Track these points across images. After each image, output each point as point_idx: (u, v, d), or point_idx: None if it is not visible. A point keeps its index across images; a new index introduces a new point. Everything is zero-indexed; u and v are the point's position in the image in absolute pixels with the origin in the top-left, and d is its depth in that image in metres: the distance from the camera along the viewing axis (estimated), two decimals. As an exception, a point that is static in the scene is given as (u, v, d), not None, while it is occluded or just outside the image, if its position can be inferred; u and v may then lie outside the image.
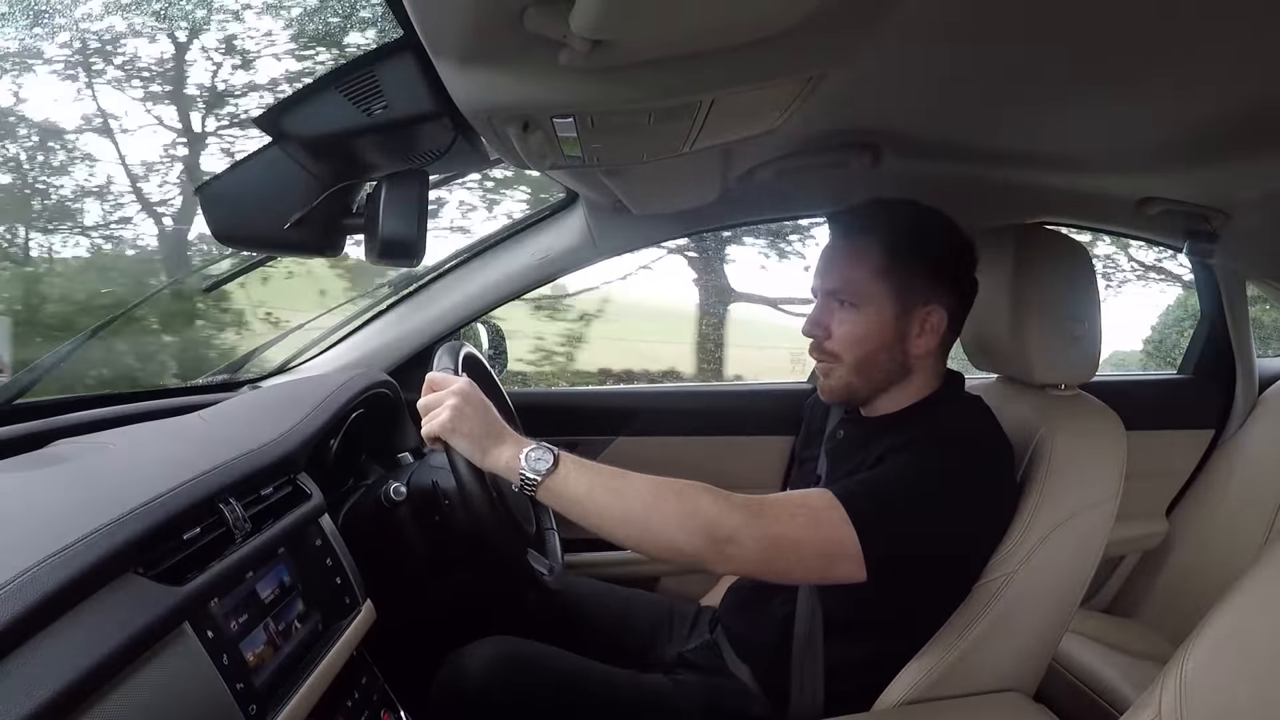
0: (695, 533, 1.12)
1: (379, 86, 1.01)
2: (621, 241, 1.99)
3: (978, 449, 1.29)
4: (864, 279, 1.32)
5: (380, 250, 1.17)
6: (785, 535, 1.15)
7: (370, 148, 1.12)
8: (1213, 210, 1.74)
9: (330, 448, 1.47)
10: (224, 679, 0.92)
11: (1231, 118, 1.20)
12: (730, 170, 1.61)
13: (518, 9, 0.74)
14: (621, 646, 1.59)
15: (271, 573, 1.11)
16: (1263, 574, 0.91)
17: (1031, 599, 1.33)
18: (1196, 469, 2.41)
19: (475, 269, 1.98)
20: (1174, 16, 0.87)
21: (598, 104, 0.95)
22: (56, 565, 0.78)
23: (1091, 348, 1.51)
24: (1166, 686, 0.89)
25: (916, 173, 1.62)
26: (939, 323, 1.33)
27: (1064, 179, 1.67)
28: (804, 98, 1.08)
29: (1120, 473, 1.41)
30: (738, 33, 0.85)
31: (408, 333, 1.94)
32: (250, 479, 1.13)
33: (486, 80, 0.90)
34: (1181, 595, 2.30)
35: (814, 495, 1.21)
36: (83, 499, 0.94)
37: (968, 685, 1.35)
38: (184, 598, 0.89)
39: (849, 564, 1.16)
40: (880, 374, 1.36)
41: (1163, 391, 2.47)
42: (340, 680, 1.18)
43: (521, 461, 1.15)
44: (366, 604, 1.29)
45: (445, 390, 1.21)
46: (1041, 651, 1.42)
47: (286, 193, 1.12)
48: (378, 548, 1.42)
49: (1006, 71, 1.09)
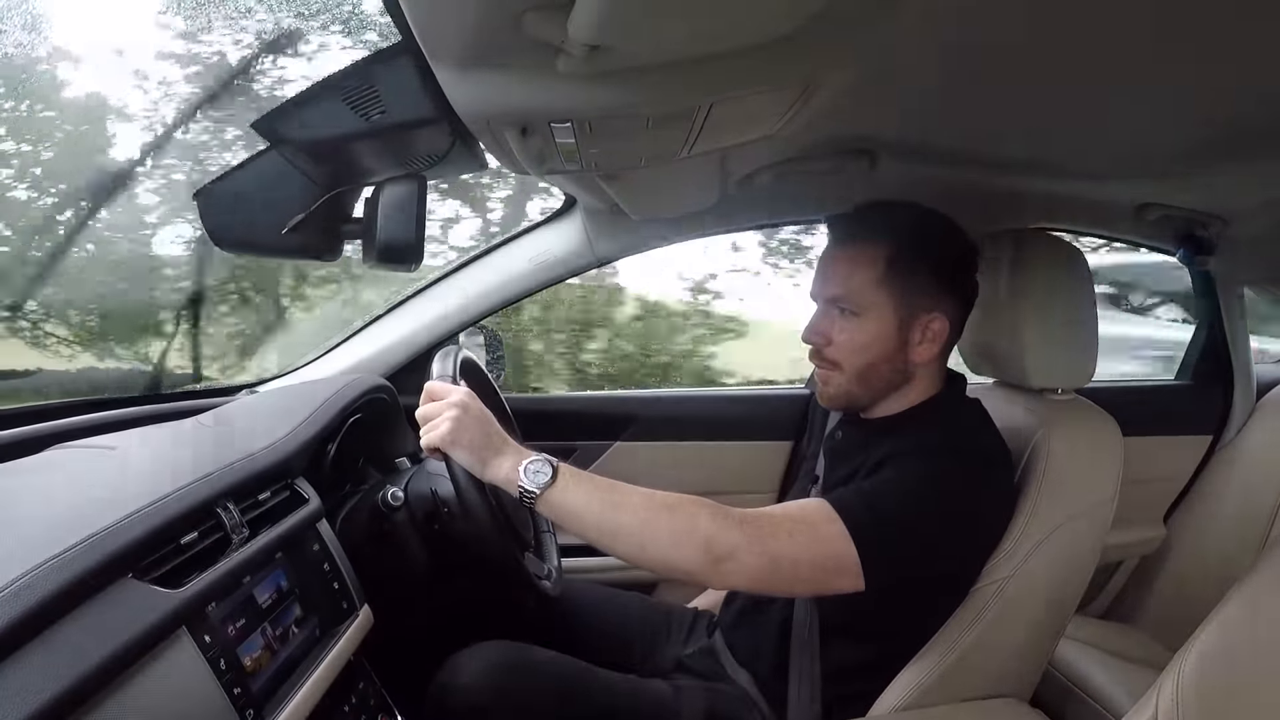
0: (693, 551, 1.12)
1: (377, 91, 1.01)
2: (619, 246, 1.99)
3: (977, 456, 1.29)
4: (865, 287, 1.31)
5: (378, 255, 1.17)
6: (784, 552, 1.15)
7: (368, 152, 1.12)
8: (1211, 216, 1.75)
9: (328, 452, 1.47)
10: (221, 684, 0.92)
11: (1230, 124, 1.20)
12: (728, 175, 1.61)
13: (516, 14, 0.74)
14: (620, 651, 1.58)
15: (269, 578, 1.12)
16: (1260, 580, 0.92)
17: (1027, 603, 1.33)
18: (1194, 475, 2.40)
19: (472, 273, 1.98)
20: (1172, 24, 0.87)
21: (596, 109, 0.95)
22: (54, 569, 0.78)
23: (1088, 352, 1.50)
24: (1163, 692, 0.89)
25: (914, 178, 1.62)
26: (941, 330, 1.33)
27: (1062, 185, 1.67)
28: (802, 103, 1.09)
29: (1117, 477, 1.41)
30: (736, 38, 0.85)
31: (405, 337, 1.94)
32: (248, 484, 1.14)
33: (485, 85, 0.90)
34: (1179, 601, 2.30)
35: (812, 508, 1.21)
36: (80, 503, 0.94)
37: (965, 690, 1.35)
38: (181, 602, 0.90)
39: (847, 577, 1.16)
40: (881, 382, 1.35)
41: (1160, 397, 2.47)
42: (337, 685, 1.17)
43: (521, 474, 1.15)
44: (364, 609, 1.29)
45: (445, 400, 1.20)
46: (1038, 656, 1.42)
47: (284, 197, 1.12)
48: (375, 553, 1.42)
49: (1004, 78, 1.09)
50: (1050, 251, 1.51)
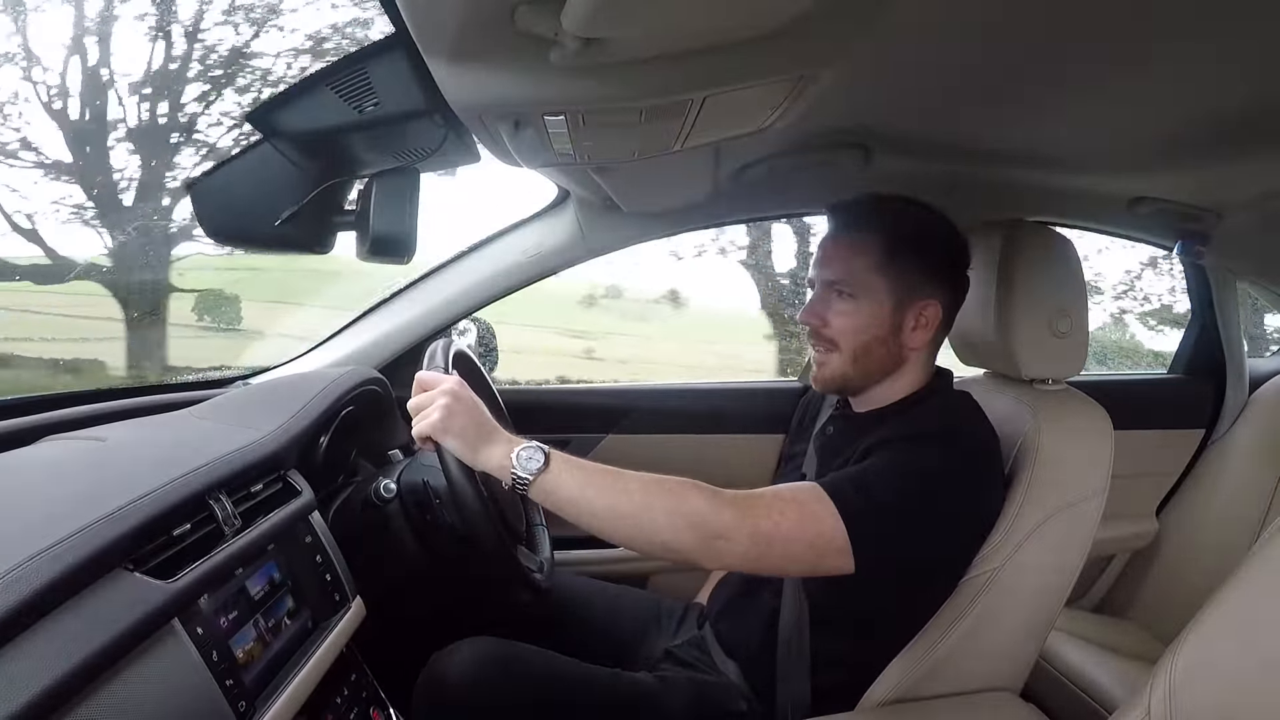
0: (685, 530, 1.13)
1: (370, 84, 1.01)
2: (612, 239, 1.99)
3: (965, 443, 1.30)
4: (864, 271, 1.33)
5: (371, 247, 1.17)
6: (775, 530, 1.15)
7: (361, 145, 1.12)
8: (1204, 210, 1.75)
9: (320, 445, 1.46)
10: (213, 675, 0.92)
11: (1224, 118, 1.20)
12: (721, 168, 1.61)
13: (509, 7, 0.74)
14: (611, 643, 1.59)
15: (261, 569, 1.12)
16: (1252, 573, 0.92)
17: (1018, 594, 1.34)
18: (1187, 468, 2.42)
19: (465, 266, 1.98)
20: (1167, 19, 0.88)
21: (589, 102, 0.95)
22: (47, 561, 0.78)
23: (1079, 342, 1.51)
24: (1156, 686, 0.89)
25: (907, 171, 1.63)
26: (935, 316, 1.35)
27: (1055, 178, 1.67)
28: (795, 96, 1.09)
29: (1107, 468, 1.41)
30: (729, 31, 0.85)
31: (398, 329, 1.94)
32: (241, 475, 1.13)
33: (478, 78, 0.90)
34: (1171, 595, 2.31)
35: (802, 489, 1.21)
36: (73, 495, 0.94)
37: (955, 682, 1.35)
38: (174, 594, 0.90)
39: (838, 556, 1.16)
40: (875, 364, 1.37)
41: (1153, 391, 2.48)
42: (330, 677, 1.18)
43: (513, 461, 1.15)
44: (356, 601, 1.29)
45: (436, 390, 1.20)
46: (1029, 648, 1.42)
47: (278, 189, 1.12)
48: (368, 545, 1.42)
49: (997, 72, 1.10)
50: (1041, 241, 1.51)
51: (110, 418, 1.35)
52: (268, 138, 1.10)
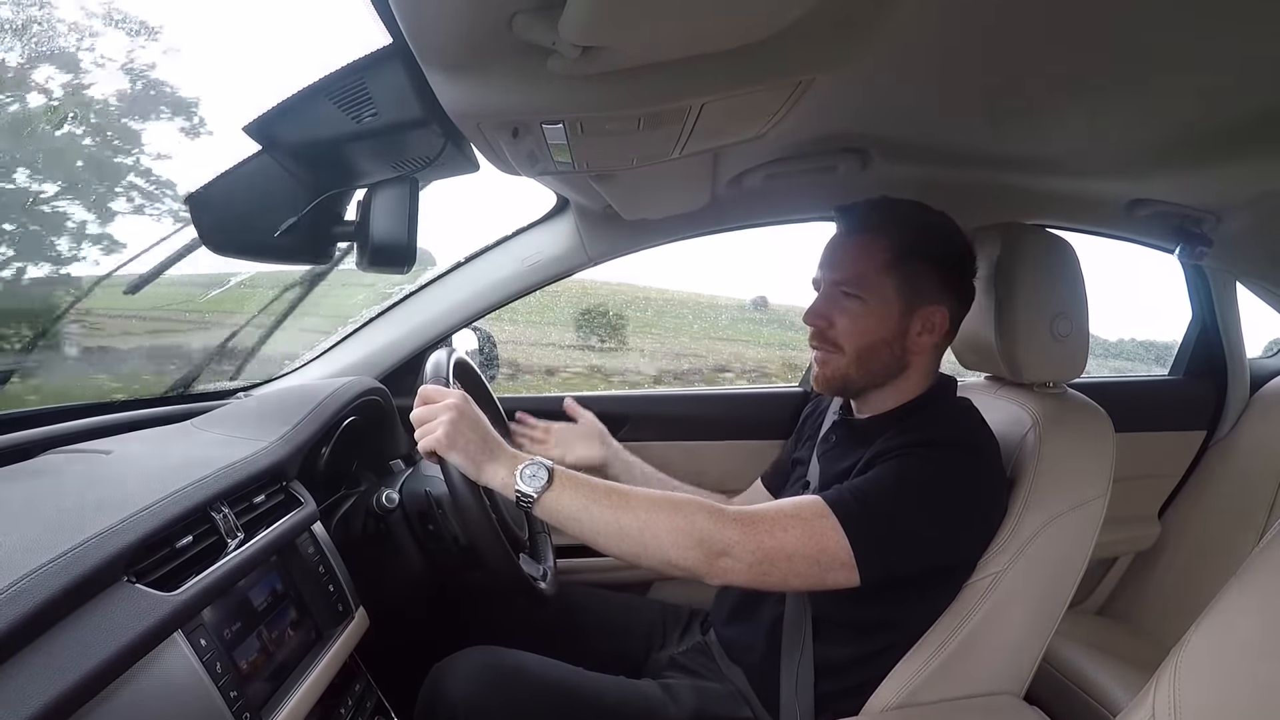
0: (690, 548, 1.13)
1: (368, 93, 1.01)
2: (612, 247, 1.98)
3: (968, 452, 1.29)
4: (871, 273, 1.33)
5: (371, 257, 1.17)
6: (779, 547, 1.15)
7: (360, 154, 1.12)
8: (1204, 212, 1.75)
9: (322, 455, 1.47)
10: (217, 687, 0.92)
11: (1223, 121, 1.20)
12: (720, 175, 1.61)
13: (507, 16, 0.74)
14: (615, 651, 1.59)
15: (264, 580, 1.12)
16: (1255, 575, 0.92)
17: (1021, 598, 1.33)
18: (1189, 470, 2.42)
19: (465, 275, 1.98)
20: (1165, 23, 0.88)
21: (587, 110, 0.95)
22: (49, 574, 0.78)
23: (1079, 345, 1.51)
24: (1159, 689, 0.89)
25: (905, 176, 1.63)
26: (941, 322, 1.35)
27: (1054, 182, 1.67)
28: (793, 103, 1.09)
29: (1109, 470, 1.41)
30: (726, 39, 0.85)
31: (399, 339, 1.94)
32: (242, 486, 1.14)
33: (476, 87, 0.90)
34: (1174, 597, 2.31)
35: (805, 505, 1.21)
36: (75, 508, 0.94)
37: (959, 686, 1.35)
38: (177, 606, 0.90)
39: (842, 571, 1.16)
40: (878, 367, 1.36)
41: (1154, 392, 2.47)
42: (333, 688, 1.18)
43: (517, 478, 1.16)
44: (359, 611, 1.29)
45: (440, 404, 1.20)
46: (1032, 652, 1.41)
47: (276, 200, 1.12)
48: (370, 555, 1.42)
49: (995, 76, 1.10)
50: (1040, 245, 1.51)
51: (112, 430, 1.35)
52: (266, 149, 1.10)
